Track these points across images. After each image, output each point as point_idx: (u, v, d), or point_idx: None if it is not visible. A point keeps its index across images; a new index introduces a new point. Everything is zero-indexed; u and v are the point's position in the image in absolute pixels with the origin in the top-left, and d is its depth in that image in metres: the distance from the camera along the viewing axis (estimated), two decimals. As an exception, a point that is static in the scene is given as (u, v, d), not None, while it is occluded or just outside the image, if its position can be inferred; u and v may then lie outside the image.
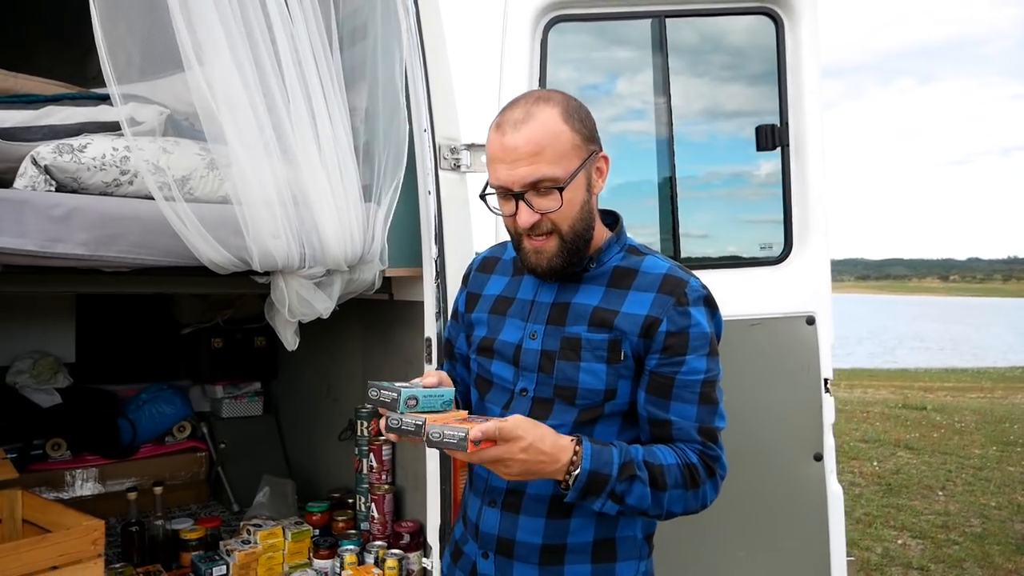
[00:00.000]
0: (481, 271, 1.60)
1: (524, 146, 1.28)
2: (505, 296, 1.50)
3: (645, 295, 1.35)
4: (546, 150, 1.28)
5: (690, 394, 1.33)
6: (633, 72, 2.58)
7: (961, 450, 7.06)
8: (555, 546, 1.37)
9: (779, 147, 2.40)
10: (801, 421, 2.33)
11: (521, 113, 1.30)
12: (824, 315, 2.36)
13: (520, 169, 1.28)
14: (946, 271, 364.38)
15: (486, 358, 1.48)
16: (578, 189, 1.32)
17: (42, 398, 3.00)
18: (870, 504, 5.41)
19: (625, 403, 1.37)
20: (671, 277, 1.36)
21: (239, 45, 1.85)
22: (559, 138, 1.29)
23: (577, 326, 1.37)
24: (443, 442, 1.17)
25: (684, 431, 1.33)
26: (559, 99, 1.33)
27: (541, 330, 1.40)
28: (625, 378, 1.36)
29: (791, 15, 2.36)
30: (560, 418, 1.37)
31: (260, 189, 1.86)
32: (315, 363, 3.13)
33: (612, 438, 1.37)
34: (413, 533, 2.37)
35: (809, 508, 2.33)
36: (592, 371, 1.35)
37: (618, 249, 1.44)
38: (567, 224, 1.33)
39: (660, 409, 1.34)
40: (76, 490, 2.94)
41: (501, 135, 1.30)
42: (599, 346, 1.35)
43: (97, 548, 1.85)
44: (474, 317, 1.53)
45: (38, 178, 1.74)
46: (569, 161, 1.30)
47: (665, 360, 1.33)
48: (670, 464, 1.29)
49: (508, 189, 1.31)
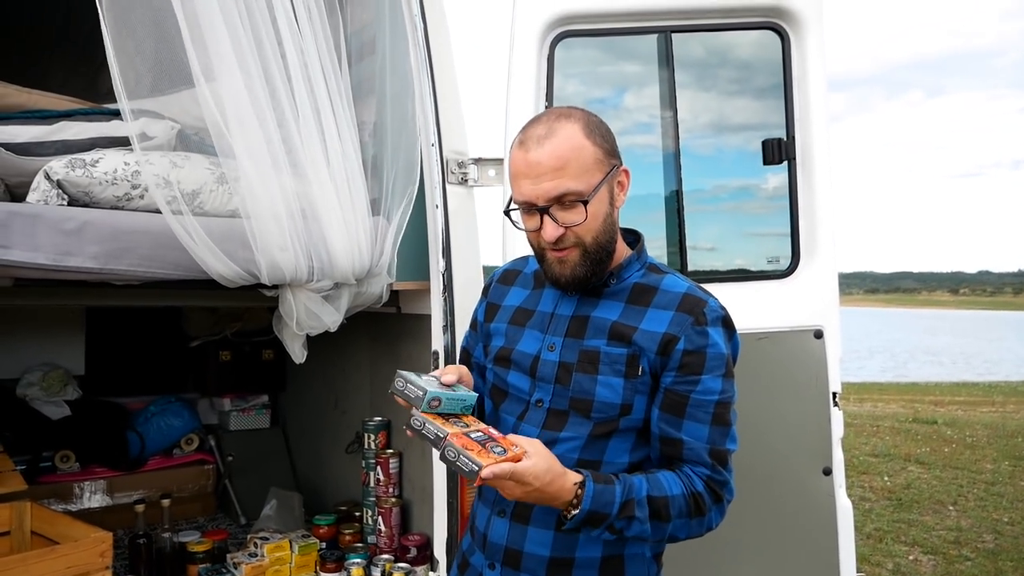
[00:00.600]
0: (502, 283, 1.61)
1: (548, 161, 1.29)
2: (525, 308, 1.51)
3: (664, 312, 1.36)
4: (570, 164, 1.29)
5: (703, 414, 1.33)
6: (640, 86, 2.59)
7: (973, 465, 6.99)
8: (563, 560, 1.37)
9: (786, 160, 2.40)
10: (810, 435, 2.32)
11: (544, 129, 1.32)
12: (832, 328, 2.35)
13: (544, 184, 1.30)
14: (956, 284, 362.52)
15: (503, 368, 1.48)
16: (601, 202, 1.34)
17: (51, 410, 3.02)
18: (880, 519, 5.36)
19: (640, 419, 1.37)
20: (690, 296, 1.37)
21: (249, 60, 1.87)
22: (582, 153, 1.31)
23: (596, 339, 1.38)
24: (456, 465, 1.19)
25: (695, 452, 1.33)
26: (580, 115, 1.35)
27: (560, 342, 1.41)
28: (642, 394, 1.36)
29: (797, 29, 2.37)
30: (574, 431, 1.37)
31: (269, 202, 1.87)
32: (323, 376, 3.13)
33: (625, 454, 1.38)
34: (420, 547, 2.36)
35: (818, 523, 2.31)
36: (609, 384, 1.35)
37: (639, 267, 1.45)
38: (590, 236, 1.34)
39: (672, 427, 1.34)
40: (84, 502, 2.95)
41: (525, 151, 1.32)
42: (618, 359, 1.35)
43: (105, 560, 1.86)
44: (493, 327, 1.54)
45: (51, 192, 1.76)
46: (592, 175, 1.32)
47: (681, 378, 1.33)
48: (675, 495, 1.30)
49: (532, 204, 1.32)
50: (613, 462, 1.37)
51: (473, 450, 1.20)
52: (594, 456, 1.37)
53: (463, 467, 1.19)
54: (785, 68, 2.39)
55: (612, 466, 1.37)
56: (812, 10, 2.36)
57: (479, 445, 1.22)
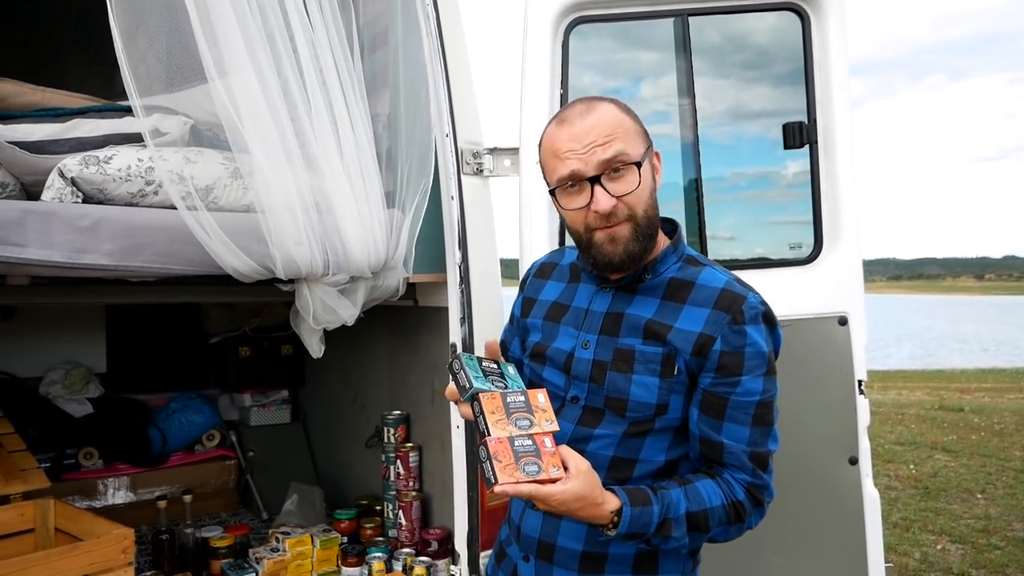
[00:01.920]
0: (539, 276, 1.59)
1: (597, 128, 1.29)
2: (560, 303, 1.49)
3: (700, 310, 1.32)
4: (617, 131, 1.30)
5: (744, 415, 1.30)
6: (656, 75, 2.55)
7: (1001, 452, 6.88)
8: (596, 554, 1.35)
9: (807, 144, 2.35)
10: (835, 424, 2.28)
11: (583, 107, 1.33)
12: (857, 315, 2.30)
13: (596, 150, 1.28)
14: (982, 270, 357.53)
15: (539, 364, 1.47)
16: (647, 173, 1.33)
17: (74, 408, 3.04)
18: (907, 508, 5.29)
19: (677, 418, 1.34)
20: (728, 292, 1.32)
21: (260, 54, 1.85)
22: (625, 123, 1.32)
23: (630, 338, 1.35)
24: (481, 467, 1.18)
25: (735, 456, 1.31)
26: (611, 99, 1.36)
27: (594, 340, 1.39)
28: (678, 393, 1.33)
29: (817, 10, 2.32)
30: (610, 428, 1.35)
31: (283, 196, 1.86)
32: (341, 370, 3.13)
33: (662, 453, 1.35)
34: (441, 540, 2.35)
35: (845, 513, 2.28)
36: (644, 384, 1.32)
37: (675, 259, 1.40)
38: (641, 208, 1.31)
39: (712, 430, 1.31)
40: (108, 499, 2.97)
41: (569, 126, 1.31)
42: (653, 359, 1.32)
43: (127, 556, 1.87)
44: (529, 322, 1.52)
45: (65, 190, 1.76)
46: (638, 144, 1.32)
47: (719, 379, 1.30)
48: (715, 507, 1.28)
49: (581, 176, 1.29)
50: (649, 460, 1.35)
51: (503, 461, 1.17)
52: (629, 454, 1.35)
53: (485, 472, 1.18)
54: (806, 50, 2.34)
55: (648, 464, 1.35)
56: (833, -10, 2.31)
57: (514, 457, 1.18)
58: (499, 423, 1.20)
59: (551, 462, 1.19)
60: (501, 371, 1.36)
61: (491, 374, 1.33)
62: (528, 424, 1.21)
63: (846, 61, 2.34)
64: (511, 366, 1.40)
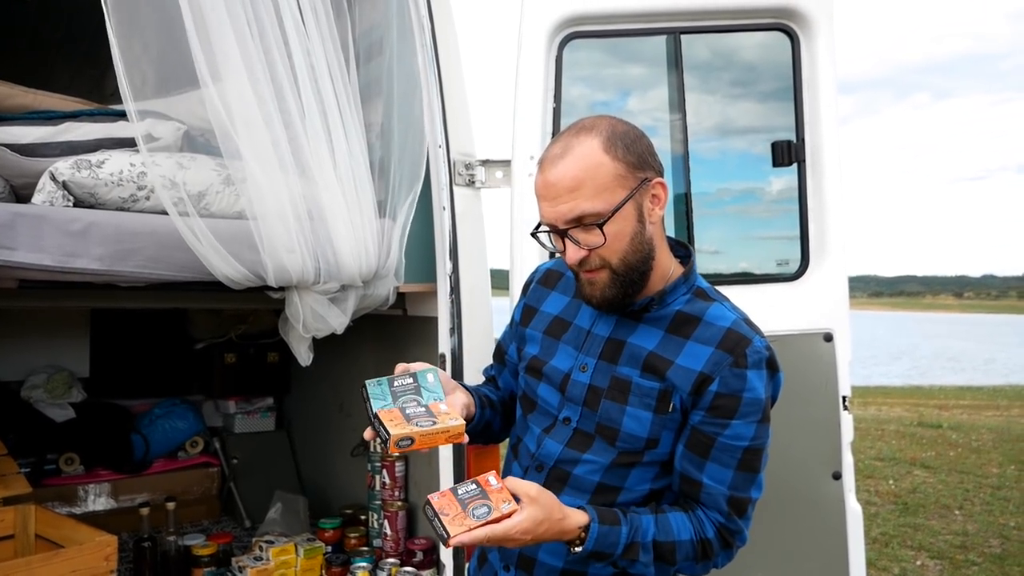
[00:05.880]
0: (543, 284, 1.55)
1: (562, 182, 1.24)
2: (562, 319, 1.46)
3: (703, 348, 1.29)
4: (584, 185, 1.24)
5: (729, 458, 1.29)
6: (645, 89, 2.58)
7: (978, 469, 6.95)
8: (575, 572, 1.35)
9: (796, 163, 2.38)
10: (819, 439, 2.29)
11: (560, 148, 1.27)
12: (842, 332, 2.33)
13: (561, 206, 1.25)
14: (960, 288, 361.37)
15: (534, 379, 1.45)
16: (626, 221, 1.26)
17: (56, 413, 3.01)
18: (886, 523, 5.33)
19: (666, 453, 1.34)
20: (734, 333, 1.29)
21: (255, 62, 1.86)
22: (599, 171, 1.24)
23: (628, 367, 1.33)
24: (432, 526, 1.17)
25: (712, 497, 1.30)
26: (603, 127, 1.28)
27: (592, 364, 1.37)
28: (670, 430, 1.32)
29: (807, 30, 2.35)
30: (598, 455, 1.35)
31: (275, 204, 1.86)
32: (328, 379, 3.12)
33: (647, 483, 1.35)
34: (426, 551, 2.35)
35: (827, 527, 2.29)
36: (637, 417, 1.31)
37: (685, 291, 1.37)
38: (616, 258, 1.28)
39: (694, 467, 1.30)
40: (89, 505, 2.94)
41: (543, 172, 1.28)
42: (649, 393, 1.31)
43: (109, 564, 1.85)
44: (528, 332, 1.51)
45: (56, 194, 1.75)
46: (612, 193, 1.25)
47: (710, 419, 1.28)
48: (683, 541, 1.28)
49: (553, 227, 1.29)
50: (634, 488, 1.35)
51: (450, 513, 1.15)
52: (615, 482, 1.34)
53: (436, 531, 1.16)
54: (795, 69, 2.37)
55: (632, 492, 1.35)
56: (822, 11, 2.34)
57: (460, 506, 1.17)
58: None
59: (500, 498, 1.18)
60: (417, 384, 1.33)
61: (404, 392, 1.31)
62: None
63: (834, 80, 2.37)
64: (431, 372, 1.36)
